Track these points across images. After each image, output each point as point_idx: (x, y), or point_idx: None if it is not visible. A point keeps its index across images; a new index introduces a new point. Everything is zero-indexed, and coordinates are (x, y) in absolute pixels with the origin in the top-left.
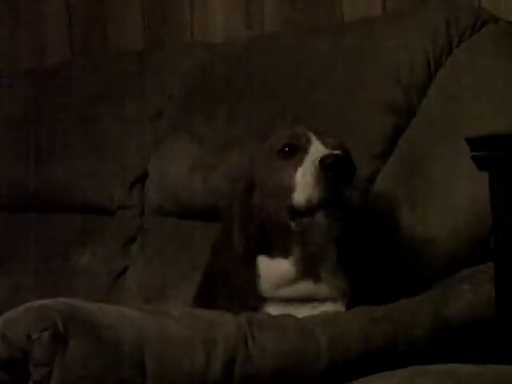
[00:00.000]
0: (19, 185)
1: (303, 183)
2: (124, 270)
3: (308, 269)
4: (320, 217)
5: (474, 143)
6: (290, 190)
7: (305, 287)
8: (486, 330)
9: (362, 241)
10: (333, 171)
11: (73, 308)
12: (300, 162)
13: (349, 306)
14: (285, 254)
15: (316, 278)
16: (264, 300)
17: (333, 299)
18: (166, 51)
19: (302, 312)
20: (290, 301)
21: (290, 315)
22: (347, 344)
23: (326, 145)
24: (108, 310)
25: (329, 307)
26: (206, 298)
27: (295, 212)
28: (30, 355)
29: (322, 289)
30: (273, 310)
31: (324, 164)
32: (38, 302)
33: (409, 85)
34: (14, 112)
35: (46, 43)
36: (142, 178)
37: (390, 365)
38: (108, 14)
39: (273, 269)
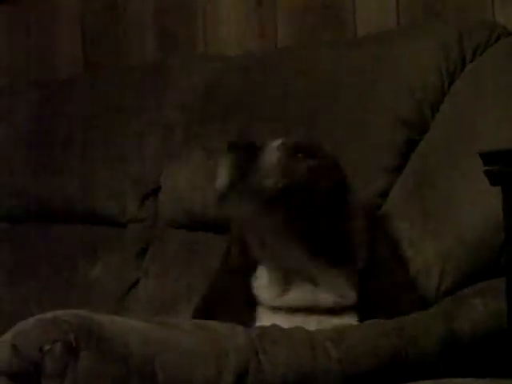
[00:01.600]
0: (31, 196)
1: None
2: (135, 282)
3: (291, 273)
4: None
5: (487, 158)
6: None
7: (301, 294)
8: (497, 344)
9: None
10: (232, 153)
11: (84, 320)
12: None
13: (361, 318)
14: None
15: (311, 284)
16: (268, 311)
17: (341, 309)
18: (179, 63)
19: (310, 325)
20: (295, 311)
21: (300, 328)
22: (358, 358)
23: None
24: (119, 322)
25: (339, 319)
26: (207, 311)
27: None
28: (41, 367)
29: (321, 296)
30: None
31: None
32: (49, 314)
33: (422, 99)
34: (27, 124)
35: (58, 56)
36: (154, 191)
37: (401, 379)
38: (121, 25)
39: (267, 278)
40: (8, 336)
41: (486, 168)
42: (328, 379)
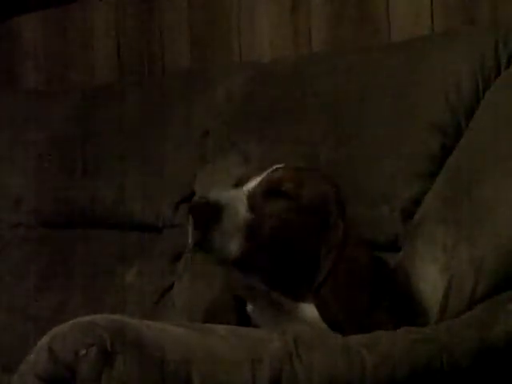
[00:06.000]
0: (67, 202)
1: None
2: (170, 288)
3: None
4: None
5: None
6: None
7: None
8: None
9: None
10: (194, 215)
11: (120, 324)
12: None
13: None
14: None
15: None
16: None
17: None
18: (214, 70)
19: None
20: None
21: (336, 335)
22: (393, 365)
23: (259, 183)
24: (154, 327)
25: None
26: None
27: None
28: (76, 371)
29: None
30: None
31: (189, 209)
32: (85, 318)
33: (456, 105)
34: (64, 129)
35: (94, 62)
36: (188, 197)
37: None
38: (156, 33)
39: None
40: (45, 340)
41: None
42: None
